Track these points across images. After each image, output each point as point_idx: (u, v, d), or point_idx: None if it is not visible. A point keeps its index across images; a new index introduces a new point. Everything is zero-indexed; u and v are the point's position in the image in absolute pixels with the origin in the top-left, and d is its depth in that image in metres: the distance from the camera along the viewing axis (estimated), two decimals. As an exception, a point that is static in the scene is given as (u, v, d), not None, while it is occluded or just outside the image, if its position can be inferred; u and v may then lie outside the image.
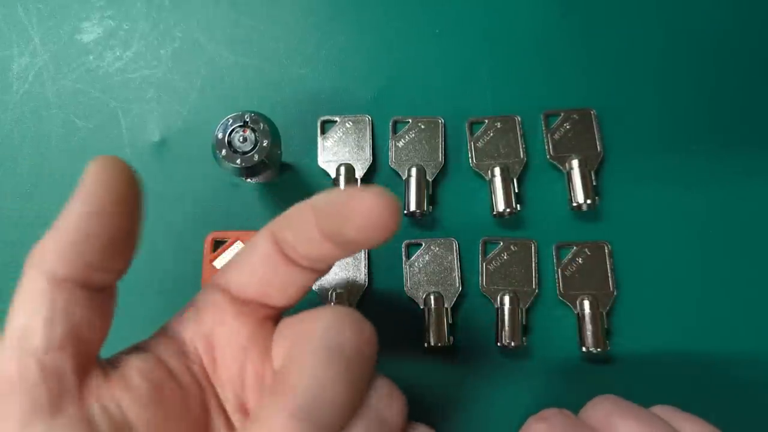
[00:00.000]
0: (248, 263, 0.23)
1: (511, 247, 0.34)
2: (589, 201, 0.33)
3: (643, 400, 0.25)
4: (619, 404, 0.24)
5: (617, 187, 0.35)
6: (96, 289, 0.20)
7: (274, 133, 0.30)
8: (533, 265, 0.34)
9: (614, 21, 0.37)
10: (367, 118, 0.36)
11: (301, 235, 0.22)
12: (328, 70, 0.37)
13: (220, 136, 0.29)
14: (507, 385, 0.32)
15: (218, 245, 0.33)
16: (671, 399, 0.26)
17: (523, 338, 0.32)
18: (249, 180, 0.34)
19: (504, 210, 0.33)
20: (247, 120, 0.29)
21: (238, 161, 0.29)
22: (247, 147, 0.29)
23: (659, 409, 0.24)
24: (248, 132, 0.29)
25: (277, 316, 0.24)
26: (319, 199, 0.21)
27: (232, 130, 0.29)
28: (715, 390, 0.32)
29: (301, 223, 0.22)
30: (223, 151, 0.29)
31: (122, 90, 0.36)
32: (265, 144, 0.29)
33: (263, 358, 0.23)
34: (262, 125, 0.30)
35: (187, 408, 0.21)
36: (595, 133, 0.35)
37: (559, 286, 0.33)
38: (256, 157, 0.29)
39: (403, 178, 0.34)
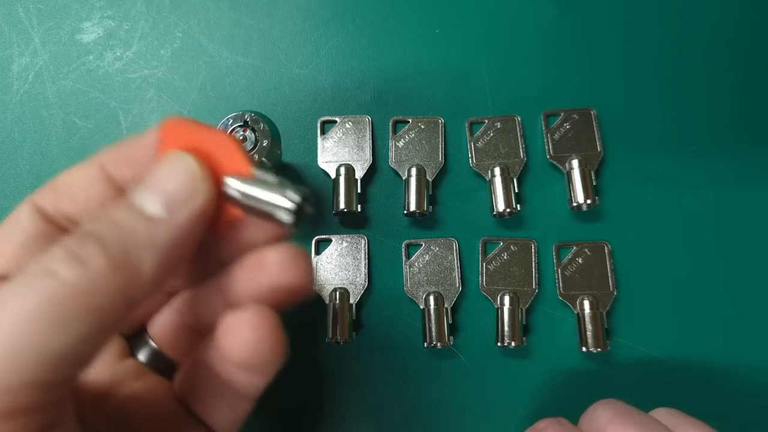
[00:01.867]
0: (9, 243, 0.20)
1: (511, 247, 0.34)
2: (589, 201, 0.33)
3: (643, 400, 0.25)
4: (619, 411, 0.23)
5: (617, 187, 0.35)
6: None
7: (274, 133, 0.30)
8: (533, 265, 0.34)
9: (614, 21, 0.37)
10: (367, 118, 0.36)
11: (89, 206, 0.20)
12: (328, 70, 0.37)
13: (220, 136, 0.29)
14: (507, 385, 0.32)
15: None
16: (670, 398, 0.26)
17: (523, 338, 0.32)
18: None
19: (504, 210, 0.33)
20: (247, 120, 0.30)
21: (238, 161, 0.29)
22: (247, 147, 0.29)
23: (661, 413, 0.24)
24: (248, 132, 0.29)
25: None
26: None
27: (232, 130, 0.29)
28: (715, 389, 0.32)
29: (88, 193, 0.20)
30: (223, 151, 0.29)
31: (122, 90, 0.36)
32: (265, 144, 0.29)
33: None
34: (262, 125, 0.30)
35: None
36: (595, 133, 0.35)
37: (559, 286, 0.33)
38: (256, 157, 0.29)
39: (403, 178, 0.34)
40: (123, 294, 0.16)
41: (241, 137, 0.29)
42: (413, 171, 0.34)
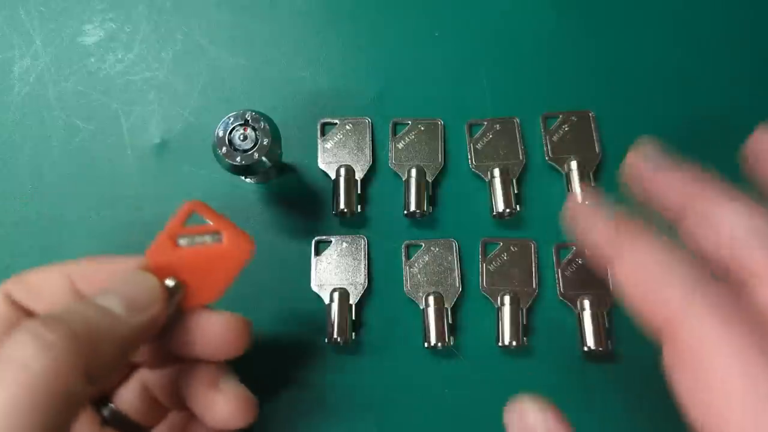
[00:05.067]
0: None
1: (511, 247, 0.34)
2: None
3: (644, 399, 0.25)
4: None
5: (616, 188, 0.35)
6: None
7: (274, 132, 0.30)
8: (533, 265, 0.34)
9: (613, 23, 0.37)
10: (367, 120, 0.36)
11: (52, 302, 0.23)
12: (328, 72, 0.37)
13: (220, 134, 0.29)
14: (507, 385, 0.32)
15: None
16: (670, 398, 0.26)
17: (524, 338, 0.32)
18: (249, 179, 0.34)
19: (504, 210, 0.33)
20: (248, 119, 0.30)
21: (238, 159, 0.29)
22: (248, 145, 0.29)
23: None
24: (249, 130, 0.29)
25: None
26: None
27: (233, 129, 0.30)
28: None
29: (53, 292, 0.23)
30: (224, 149, 0.29)
31: (123, 92, 0.36)
32: (265, 143, 0.29)
33: None
34: (262, 124, 0.30)
35: None
36: (594, 134, 0.35)
37: (559, 286, 0.33)
38: (256, 155, 0.29)
39: (403, 179, 0.34)
40: (86, 374, 0.19)
41: (241, 135, 0.29)
42: (413, 172, 0.34)
